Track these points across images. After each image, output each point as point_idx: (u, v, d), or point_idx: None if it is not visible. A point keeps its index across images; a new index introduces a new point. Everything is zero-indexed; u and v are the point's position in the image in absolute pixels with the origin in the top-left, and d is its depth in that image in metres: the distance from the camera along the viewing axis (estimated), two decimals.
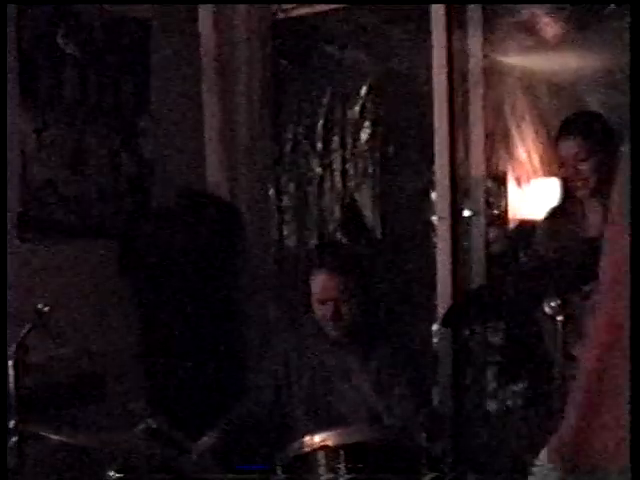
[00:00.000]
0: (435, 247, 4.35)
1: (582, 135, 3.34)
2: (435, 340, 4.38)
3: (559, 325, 2.80)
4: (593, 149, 3.33)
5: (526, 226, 4.22)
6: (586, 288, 3.13)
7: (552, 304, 2.78)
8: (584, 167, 3.33)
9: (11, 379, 2.94)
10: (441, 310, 4.23)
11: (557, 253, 3.24)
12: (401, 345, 3.63)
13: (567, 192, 3.61)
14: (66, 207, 4.09)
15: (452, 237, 4.28)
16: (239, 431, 3.52)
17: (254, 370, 4.17)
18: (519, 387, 4.22)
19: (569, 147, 3.38)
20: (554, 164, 4.13)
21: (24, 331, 2.95)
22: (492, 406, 4.33)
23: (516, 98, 4.45)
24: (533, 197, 4.38)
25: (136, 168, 4.36)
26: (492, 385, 4.33)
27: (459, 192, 4.31)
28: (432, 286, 4.35)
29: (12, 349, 2.94)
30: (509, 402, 4.29)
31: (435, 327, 4.38)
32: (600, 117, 3.58)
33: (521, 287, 3.06)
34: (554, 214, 3.66)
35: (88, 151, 4.16)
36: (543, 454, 1.46)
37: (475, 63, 4.26)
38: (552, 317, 2.79)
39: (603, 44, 4.22)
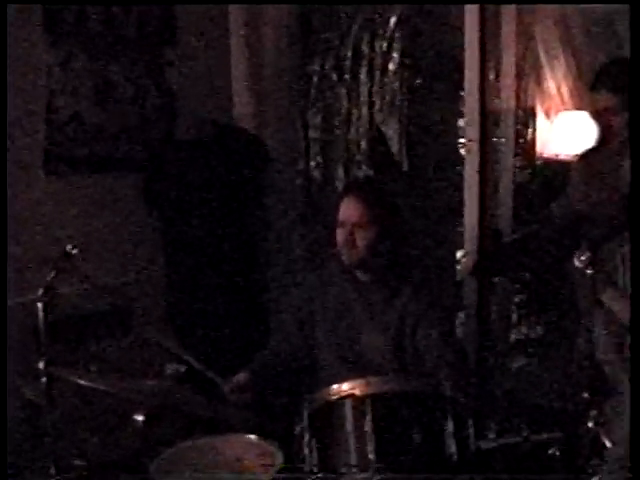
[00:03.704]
0: (462, 177, 4.31)
1: (614, 89, 3.24)
2: (460, 267, 4.37)
3: (589, 277, 2.78)
4: (626, 103, 3.23)
5: (557, 162, 4.17)
6: (617, 238, 3.11)
7: (582, 258, 2.76)
8: (617, 120, 3.24)
9: (41, 321, 2.95)
10: (468, 240, 4.23)
11: (591, 205, 3.19)
12: (426, 283, 3.61)
13: (603, 139, 3.52)
14: (92, 140, 4.07)
15: (480, 165, 4.24)
16: (268, 371, 3.55)
17: (279, 307, 4.18)
18: (543, 321, 4.21)
19: (601, 100, 3.29)
20: (584, 97, 4.06)
21: (51, 275, 2.94)
22: (514, 337, 4.33)
23: (548, 29, 4.35)
24: (562, 129, 4.32)
25: (162, 100, 4.33)
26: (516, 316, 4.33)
27: (488, 121, 4.26)
28: (459, 217, 4.34)
29: (40, 292, 2.94)
30: (532, 334, 4.28)
31: (460, 254, 4.37)
32: None
33: (552, 241, 3.03)
34: (589, 159, 3.59)
35: (113, 83, 4.13)
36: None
37: None
38: (582, 270, 2.77)
39: None
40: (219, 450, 3.04)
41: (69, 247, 3.04)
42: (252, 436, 3.06)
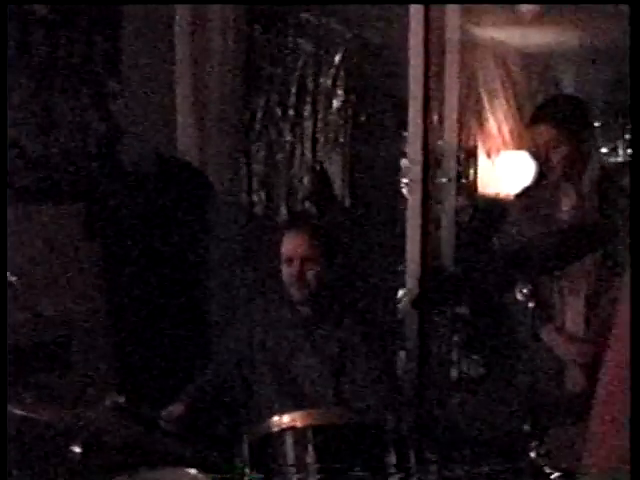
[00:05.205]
0: (405, 215, 4.34)
1: (554, 123, 3.29)
2: (401, 306, 4.39)
3: (529, 311, 2.82)
4: (565, 137, 3.28)
5: (497, 201, 4.23)
6: (557, 272, 3.15)
7: (524, 290, 2.79)
8: (556, 154, 3.29)
9: None
10: (410, 277, 4.26)
11: (530, 238, 3.23)
12: (367, 318, 3.62)
13: (541, 173, 3.58)
14: (33, 170, 4.03)
15: (422, 205, 4.27)
16: (205, 401, 3.52)
17: (220, 339, 4.16)
18: (483, 360, 4.25)
19: (541, 134, 3.34)
20: (524, 137, 4.13)
21: None
22: (455, 375, 4.35)
23: (489, 71, 4.43)
24: (503, 169, 4.39)
25: (105, 130, 4.29)
26: (457, 354, 4.35)
27: (431, 160, 4.30)
28: (401, 254, 4.36)
29: None
30: (472, 372, 4.31)
31: (401, 292, 4.38)
32: (574, 102, 3.55)
33: (492, 273, 3.06)
34: (528, 195, 3.64)
35: (56, 113, 4.09)
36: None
37: (452, 34, 4.22)
38: (523, 303, 2.80)
39: (577, 20, 4.22)
40: None
41: (8, 275, 3.01)
42: (192, 470, 3.03)
